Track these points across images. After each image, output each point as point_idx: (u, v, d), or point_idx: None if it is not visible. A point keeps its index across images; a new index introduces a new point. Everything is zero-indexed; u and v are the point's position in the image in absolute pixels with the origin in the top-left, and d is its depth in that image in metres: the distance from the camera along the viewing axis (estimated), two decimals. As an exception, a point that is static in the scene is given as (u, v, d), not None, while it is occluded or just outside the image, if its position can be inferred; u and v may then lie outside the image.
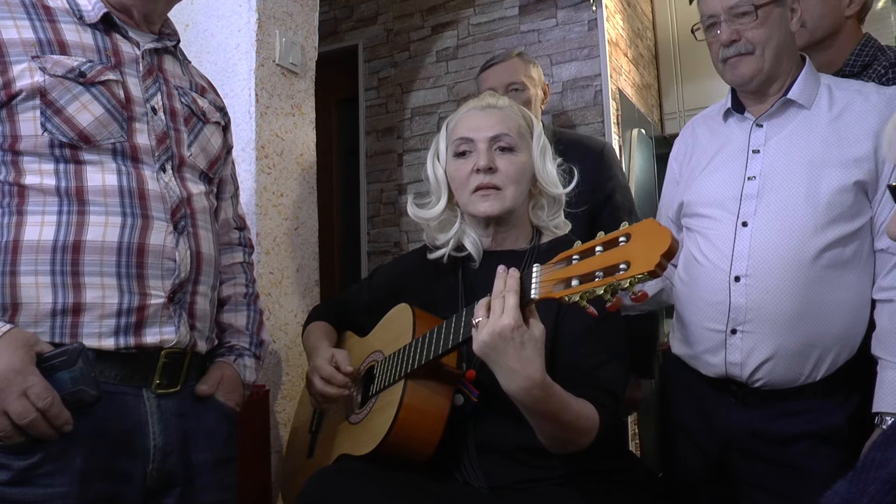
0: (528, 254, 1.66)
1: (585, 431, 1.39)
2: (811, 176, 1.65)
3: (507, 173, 1.62)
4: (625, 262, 1.09)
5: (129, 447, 1.32)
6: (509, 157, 1.64)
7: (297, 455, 1.90)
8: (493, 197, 1.61)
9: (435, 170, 1.72)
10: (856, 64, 2.14)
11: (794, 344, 1.62)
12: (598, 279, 1.12)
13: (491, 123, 1.65)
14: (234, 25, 2.28)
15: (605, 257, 1.13)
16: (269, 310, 2.18)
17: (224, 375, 1.53)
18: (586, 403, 1.40)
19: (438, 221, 1.72)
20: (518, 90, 2.65)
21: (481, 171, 1.61)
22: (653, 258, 1.06)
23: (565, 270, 1.19)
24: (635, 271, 1.08)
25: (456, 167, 1.66)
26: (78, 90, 1.31)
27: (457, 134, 1.68)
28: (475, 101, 1.74)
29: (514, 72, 2.70)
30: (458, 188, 1.67)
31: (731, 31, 1.73)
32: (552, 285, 1.20)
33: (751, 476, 1.71)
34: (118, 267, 1.31)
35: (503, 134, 1.64)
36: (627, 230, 1.13)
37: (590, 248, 1.17)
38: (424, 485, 1.46)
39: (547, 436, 1.39)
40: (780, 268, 1.64)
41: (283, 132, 2.32)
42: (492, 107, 1.69)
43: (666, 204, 2.04)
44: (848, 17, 2.21)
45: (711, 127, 1.93)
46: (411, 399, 1.48)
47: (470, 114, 1.70)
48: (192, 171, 1.49)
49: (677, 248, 1.08)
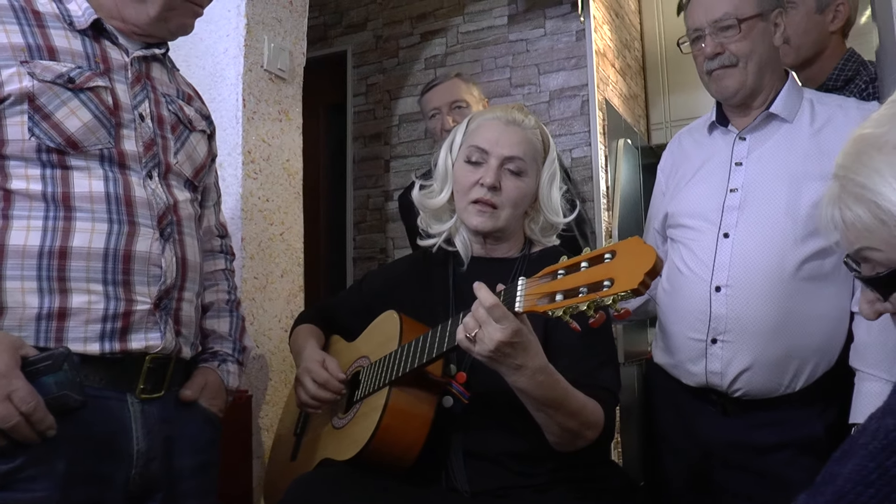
0: (519, 262, 1.67)
1: (593, 423, 1.40)
2: (792, 189, 1.67)
3: (509, 196, 1.62)
4: (609, 279, 1.10)
5: (112, 452, 1.32)
6: (515, 181, 1.63)
7: (281, 457, 1.90)
8: (487, 214, 1.62)
9: (446, 161, 1.72)
10: (839, 78, 2.16)
11: (774, 354, 1.64)
12: (581, 295, 1.13)
13: (510, 142, 1.64)
14: (222, 30, 2.28)
15: (590, 273, 1.14)
16: (252, 315, 2.18)
17: (208, 381, 1.54)
18: (589, 398, 1.41)
19: (436, 210, 1.73)
20: (461, 107, 2.79)
21: (485, 187, 1.61)
22: (636, 276, 1.07)
23: (550, 285, 1.20)
24: (619, 289, 1.08)
25: (463, 173, 1.66)
26: (66, 96, 1.31)
27: (474, 140, 1.67)
28: (502, 110, 1.71)
29: (457, 91, 2.83)
30: (459, 192, 1.67)
31: (715, 44, 1.76)
32: (536, 299, 1.21)
33: (731, 485, 1.73)
34: (104, 273, 1.31)
35: (517, 157, 1.63)
36: (613, 247, 1.14)
37: (575, 263, 1.18)
38: (407, 490, 1.46)
39: (557, 430, 1.39)
40: (761, 279, 1.66)
41: (270, 137, 2.32)
42: (516, 123, 1.67)
43: (653, 215, 2.06)
44: (832, 32, 2.24)
45: (697, 139, 1.95)
46: (395, 405, 1.49)
47: (493, 124, 1.67)
48: (177, 179, 1.50)
49: (661, 267, 1.09)
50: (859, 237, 0.90)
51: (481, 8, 3.83)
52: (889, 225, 0.85)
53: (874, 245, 0.89)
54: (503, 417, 1.50)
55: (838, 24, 2.25)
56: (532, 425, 1.43)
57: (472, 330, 1.28)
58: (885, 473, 0.68)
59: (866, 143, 0.89)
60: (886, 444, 0.69)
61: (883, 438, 0.70)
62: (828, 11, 2.24)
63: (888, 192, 0.84)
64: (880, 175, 0.85)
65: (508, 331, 1.23)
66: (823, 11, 2.24)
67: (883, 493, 0.68)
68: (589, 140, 3.50)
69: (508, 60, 3.73)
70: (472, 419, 1.53)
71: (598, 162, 3.47)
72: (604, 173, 3.52)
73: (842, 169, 0.92)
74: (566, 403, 1.35)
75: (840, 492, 0.71)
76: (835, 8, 2.23)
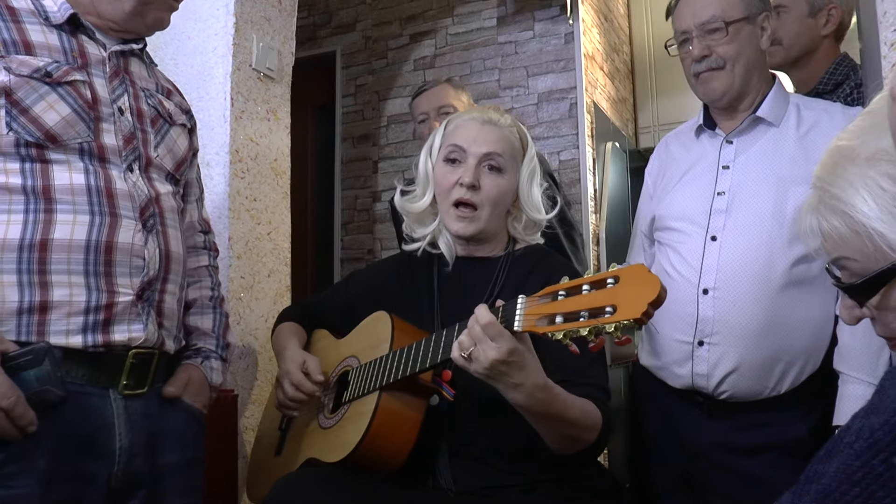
0: (502, 261, 1.67)
1: (591, 426, 1.40)
2: (778, 193, 1.68)
3: (489, 194, 1.63)
4: (611, 305, 1.08)
5: (94, 449, 1.31)
6: (495, 178, 1.64)
7: (265, 451, 1.88)
8: (468, 219, 1.62)
9: (426, 164, 1.73)
10: (829, 82, 2.18)
11: (760, 357, 1.65)
12: (582, 320, 1.11)
13: (487, 140, 1.65)
14: (211, 29, 2.27)
15: (592, 298, 1.12)
16: (238, 314, 2.17)
17: (191, 377, 1.53)
18: (585, 400, 1.41)
19: (419, 214, 1.73)
20: (449, 113, 2.78)
21: (464, 186, 1.62)
22: (640, 306, 1.05)
23: (550, 306, 1.18)
24: (621, 317, 1.06)
25: (443, 173, 1.67)
26: (44, 90, 1.31)
27: (452, 139, 1.68)
28: (479, 111, 1.73)
29: (445, 96, 2.86)
30: (441, 195, 1.67)
31: (702, 47, 1.77)
32: (536, 319, 1.19)
33: (716, 486, 1.73)
34: (86, 265, 1.30)
35: (495, 153, 1.64)
36: (616, 272, 1.12)
37: (577, 285, 1.16)
38: (392, 491, 1.46)
39: (557, 438, 1.39)
40: (748, 282, 1.66)
41: (258, 137, 2.32)
42: (493, 123, 1.68)
43: (640, 218, 2.07)
44: (824, 36, 2.26)
45: (684, 143, 1.96)
46: (385, 411, 1.48)
47: (470, 124, 1.69)
48: (158, 172, 1.49)
49: (665, 296, 1.07)
50: (836, 247, 0.91)
51: (470, 10, 3.83)
52: (862, 236, 0.86)
53: (849, 255, 0.90)
54: (489, 415, 1.50)
55: (830, 28, 2.26)
56: (517, 425, 1.43)
57: (467, 349, 1.26)
58: (871, 472, 0.69)
59: (841, 154, 0.90)
60: (872, 442, 0.70)
61: (868, 437, 0.70)
62: (820, 15, 2.26)
63: (860, 204, 0.85)
64: (853, 187, 0.86)
65: (504, 349, 1.22)
66: (816, 15, 2.26)
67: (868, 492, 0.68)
68: (577, 143, 3.51)
69: (497, 62, 3.74)
70: (458, 417, 1.53)
71: (586, 165, 3.48)
72: (591, 176, 3.53)
73: (819, 180, 0.93)
74: (566, 415, 1.35)
75: (825, 490, 0.72)
76: (827, 12, 2.25)
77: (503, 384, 1.27)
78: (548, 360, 1.36)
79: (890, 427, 0.69)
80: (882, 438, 0.69)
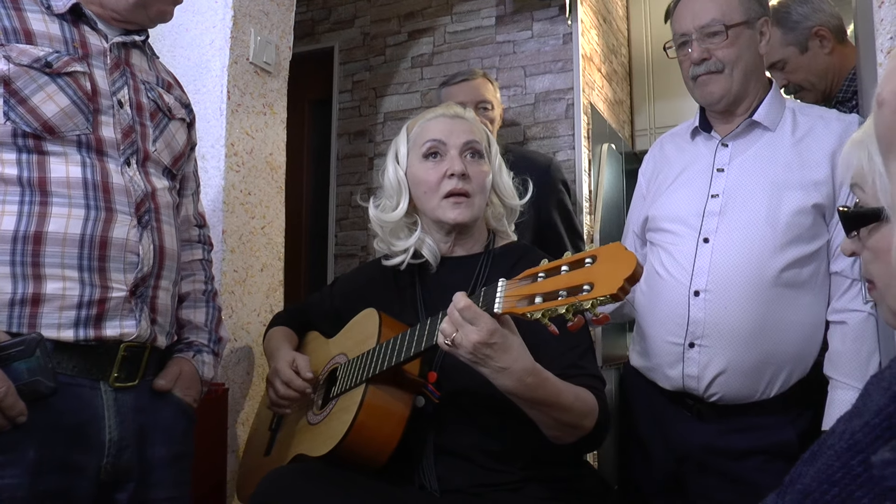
0: (483, 257, 1.68)
1: (587, 412, 1.40)
2: (772, 197, 1.69)
3: (479, 182, 1.65)
4: (589, 283, 1.10)
5: (83, 440, 1.31)
6: (479, 166, 1.67)
7: (255, 452, 1.89)
8: (464, 205, 1.63)
9: (396, 172, 1.72)
10: (848, 90, 2.21)
11: (750, 360, 1.66)
12: (561, 298, 1.13)
13: (463, 130, 1.68)
14: (208, 21, 2.27)
15: (570, 277, 1.14)
16: (231, 308, 2.17)
17: (182, 371, 1.53)
18: (579, 387, 1.41)
19: (394, 227, 1.72)
20: (487, 109, 2.83)
21: (455, 176, 1.62)
22: (616, 281, 1.07)
23: (530, 287, 1.20)
24: (598, 293, 1.08)
25: (425, 170, 1.67)
26: (43, 80, 1.30)
27: (426, 137, 1.69)
28: (442, 108, 1.76)
29: (485, 91, 2.88)
30: (428, 192, 1.67)
31: (701, 50, 1.77)
32: (516, 301, 1.21)
33: (704, 490, 1.74)
34: (80, 259, 1.30)
35: (474, 140, 1.67)
36: (594, 252, 1.14)
37: (556, 266, 1.18)
38: (378, 487, 1.46)
39: (554, 425, 1.39)
40: (739, 284, 1.67)
41: (254, 131, 2.32)
42: (460, 116, 1.72)
43: (632, 218, 2.07)
44: (828, 53, 2.28)
45: (679, 144, 1.96)
46: (371, 403, 1.48)
47: (439, 120, 1.71)
48: (156, 167, 1.49)
49: (641, 273, 1.09)
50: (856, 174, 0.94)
51: (469, 8, 3.83)
52: (874, 174, 0.89)
53: (862, 185, 0.93)
54: (475, 415, 1.51)
55: (829, 44, 2.28)
56: (504, 424, 1.44)
57: (449, 334, 1.27)
58: (850, 472, 0.69)
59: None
60: (852, 443, 0.71)
61: (849, 439, 0.71)
62: (811, 43, 2.28)
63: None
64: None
65: (484, 331, 1.23)
66: (808, 47, 2.28)
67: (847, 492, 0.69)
68: (573, 144, 3.51)
69: (495, 61, 3.73)
70: (444, 418, 1.54)
71: (582, 166, 3.48)
72: (587, 177, 3.53)
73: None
74: (560, 400, 1.35)
75: (806, 490, 0.72)
76: (815, 35, 2.27)
77: (490, 369, 1.28)
78: (540, 354, 1.37)
79: (870, 428, 0.70)
80: (861, 440, 0.70)
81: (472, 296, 1.29)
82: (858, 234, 0.95)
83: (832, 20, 2.30)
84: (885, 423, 0.69)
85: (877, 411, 0.70)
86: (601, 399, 1.45)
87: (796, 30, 2.28)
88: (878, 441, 0.68)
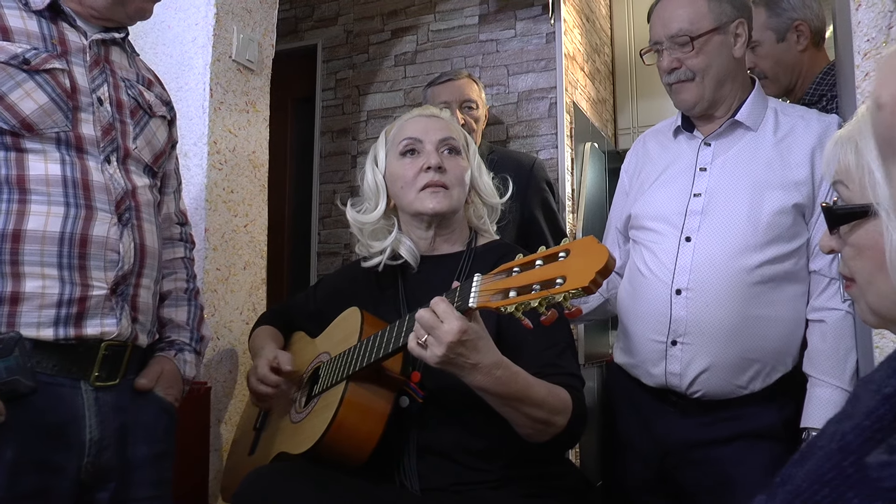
0: (465, 255, 1.69)
1: (560, 408, 1.41)
2: (754, 196, 1.70)
3: (455, 174, 1.67)
4: (561, 276, 1.11)
5: (63, 440, 1.30)
6: (456, 160, 1.69)
7: (240, 452, 1.89)
8: (441, 194, 1.65)
9: (375, 175, 1.75)
10: (814, 93, 2.21)
11: (732, 356, 1.67)
12: (534, 292, 1.14)
13: (439, 127, 1.71)
14: (191, 19, 2.26)
15: (544, 271, 1.15)
16: (213, 306, 2.16)
17: (164, 370, 1.52)
18: (553, 385, 1.42)
19: (372, 229, 1.74)
20: (471, 108, 2.88)
21: (431, 169, 1.64)
22: (588, 274, 1.08)
23: (504, 281, 1.21)
24: (570, 286, 1.10)
25: (402, 166, 1.69)
26: (21, 77, 1.29)
27: (403, 135, 1.71)
28: (418, 109, 1.80)
29: (470, 90, 2.92)
30: (405, 186, 1.68)
31: (671, 59, 1.80)
32: (490, 295, 1.22)
33: (689, 482, 1.75)
34: (60, 257, 1.29)
35: (450, 137, 1.70)
36: (567, 246, 1.15)
37: (531, 261, 1.19)
38: (358, 486, 1.46)
39: (526, 422, 1.39)
40: (720, 283, 1.68)
41: (237, 128, 2.31)
42: (436, 116, 1.75)
43: (614, 215, 2.08)
44: (802, 51, 2.29)
45: (662, 142, 1.97)
46: (351, 401, 1.49)
47: (416, 119, 1.74)
48: (136, 164, 1.48)
49: (614, 265, 1.11)
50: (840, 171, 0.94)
51: (452, 7, 3.83)
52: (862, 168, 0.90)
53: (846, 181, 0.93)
54: (458, 415, 1.51)
55: (805, 42, 2.29)
56: (487, 423, 1.44)
57: (422, 336, 1.29)
58: (841, 473, 0.70)
59: None
60: (843, 445, 0.71)
61: (840, 440, 0.72)
62: (789, 36, 2.29)
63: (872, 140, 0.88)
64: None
65: (455, 328, 1.24)
66: (785, 38, 2.29)
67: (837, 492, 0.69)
68: (556, 143, 3.52)
69: (478, 60, 3.73)
70: (427, 417, 1.54)
71: (565, 165, 3.49)
72: (570, 176, 3.54)
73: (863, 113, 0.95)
74: (530, 394, 1.36)
75: (796, 491, 0.73)
76: (795, 30, 2.28)
77: (461, 368, 1.29)
78: (520, 355, 1.37)
79: (861, 430, 0.70)
80: (853, 441, 0.70)
81: (448, 292, 1.31)
82: (839, 231, 0.96)
83: (815, 21, 2.32)
84: (877, 426, 0.70)
85: (867, 413, 0.71)
86: (577, 397, 1.46)
87: (781, 17, 2.28)
88: (869, 443, 0.69)
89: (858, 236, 0.92)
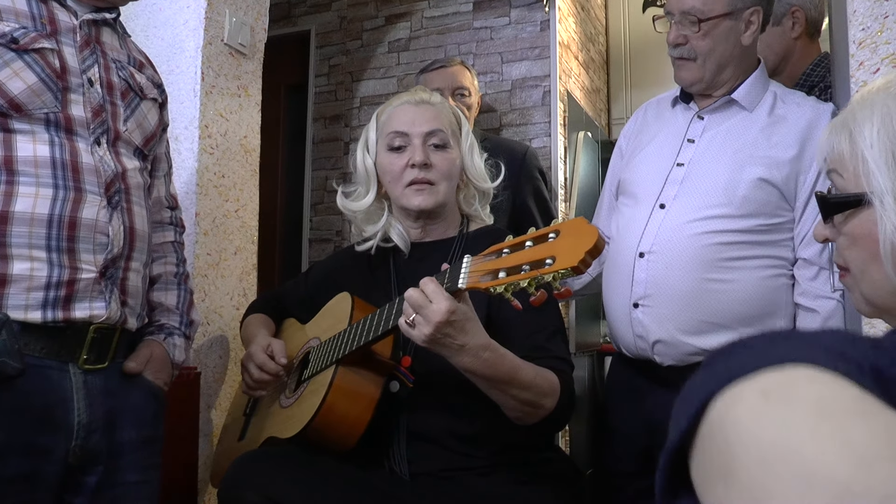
0: (457, 241, 1.69)
1: (548, 391, 1.41)
2: (734, 168, 1.72)
3: (441, 169, 1.66)
4: (551, 256, 1.12)
5: (51, 423, 1.30)
6: (443, 154, 1.67)
7: (230, 437, 1.90)
8: (427, 192, 1.64)
9: (364, 160, 1.73)
10: (804, 84, 2.21)
11: (690, 320, 1.68)
12: (524, 272, 1.15)
13: (426, 118, 1.68)
14: (183, 1, 2.24)
15: (534, 252, 1.16)
16: (204, 292, 2.15)
17: (153, 354, 1.51)
18: (541, 368, 1.43)
19: (366, 213, 1.74)
20: (464, 95, 2.88)
21: (416, 167, 1.63)
22: (577, 254, 1.09)
23: (494, 262, 1.22)
24: (559, 266, 1.10)
25: (390, 161, 1.68)
26: (9, 56, 1.28)
27: (391, 127, 1.69)
28: (408, 94, 1.76)
29: (462, 77, 2.92)
30: (392, 181, 1.68)
31: (677, 35, 1.79)
32: (480, 276, 1.23)
33: None
34: (48, 240, 1.28)
35: (438, 130, 1.67)
36: (557, 226, 1.16)
37: (520, 242, 1.20)
38: (347, 470, 1.47)
39: (514, 404, 1.39)
40: (681, 246, 1.70)
41: (228, 113, 2.29)
42: (426, 102, 1.72)
43: (610, 179, 2.10)
44: (795, 38, 2.28)
45: (660, 111, 1.99)
46: (340, 385, 1.49)
47: (404, 108, 1.71)
48: (126, 147, 1.47)
49: (603, 245, 1.12)
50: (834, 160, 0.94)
51: (447, -6, 3.82)
52: (856, 157, 0.89)
53: (840, 170, 0.93)
54: (448, 400, 1.51)
55: (799, 29, 2.29)
56: (477, 408, 1.44)
57: (410, 315, 1.29)
58: None
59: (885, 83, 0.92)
60: None
61: None
62: (785, 21, 2.29)
63: (867, 128, 0.89)
64: (871, 110, 0.89)
65: (444, 308, 1.25)
66: (780, 22, 2.29)
67: None
68: (549, 131, 3.51)
69: (472, 48, 3.72)
70: (417, 402, 1.54)
71: (558, 153, 3.48)
72: (563, 165, 3.53)
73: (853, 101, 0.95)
74: (517, 376, 1.36)
75: None
76: (791, 16, 2.28)
77: (448, 349, 1.30)
78: (510, 338, 1.37)
79: None
80: None
81: (438, 273, 1.31)
82: (833, 220, 0.96)
83: (813, 11, 2.32)
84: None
85: None
86: (565, 380, 1.46)
87: (780, 0, 2.29)
88: None
89: (853, 225, 0.92)
